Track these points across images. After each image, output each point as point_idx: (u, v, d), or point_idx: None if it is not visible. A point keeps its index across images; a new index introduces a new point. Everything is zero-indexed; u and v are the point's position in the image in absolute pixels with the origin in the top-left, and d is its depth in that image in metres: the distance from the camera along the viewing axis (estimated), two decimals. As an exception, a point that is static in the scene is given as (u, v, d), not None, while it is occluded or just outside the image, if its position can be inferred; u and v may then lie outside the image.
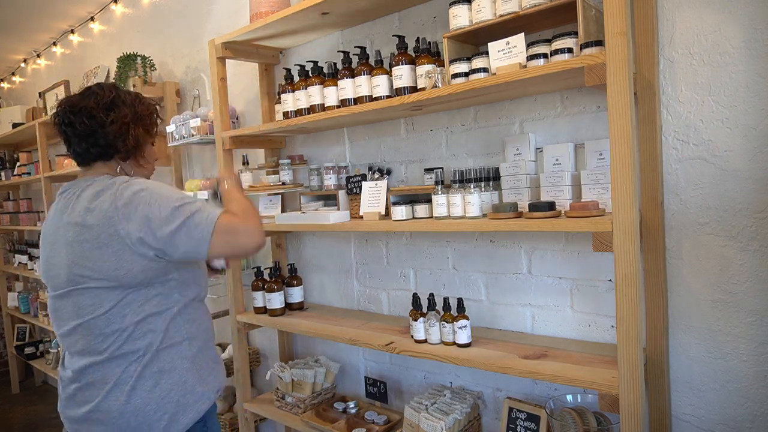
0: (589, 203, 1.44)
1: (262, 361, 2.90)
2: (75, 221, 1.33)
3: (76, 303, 1.35)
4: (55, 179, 4.16)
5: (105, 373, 1.35)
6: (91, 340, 1.35)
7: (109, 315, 1.34)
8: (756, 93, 1.38)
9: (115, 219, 1.29)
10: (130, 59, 3.15)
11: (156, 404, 1.36)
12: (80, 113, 1.38)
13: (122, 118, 1.40)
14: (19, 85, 5.36)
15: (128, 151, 1.44)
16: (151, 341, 1.37)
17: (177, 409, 1.39)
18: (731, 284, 1.46)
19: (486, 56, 1.58)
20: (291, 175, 2.32)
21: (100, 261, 1.30)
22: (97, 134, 1.39)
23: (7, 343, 5.11)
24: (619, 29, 1.25)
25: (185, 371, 1.42)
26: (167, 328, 1.39)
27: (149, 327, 1.37)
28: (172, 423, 1.38)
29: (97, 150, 1.41)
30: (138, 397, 1.35)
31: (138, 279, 1.33)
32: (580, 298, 1.73)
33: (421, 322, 1.83)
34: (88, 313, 1.34)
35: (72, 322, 1.37)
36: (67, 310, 1.37)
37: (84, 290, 1.33)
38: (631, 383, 1.32)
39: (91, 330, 1.35)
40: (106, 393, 1.35)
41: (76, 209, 1.35)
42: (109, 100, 1.40)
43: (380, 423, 2.09)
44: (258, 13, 2.22)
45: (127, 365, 1.35)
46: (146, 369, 1.36)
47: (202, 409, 1.44)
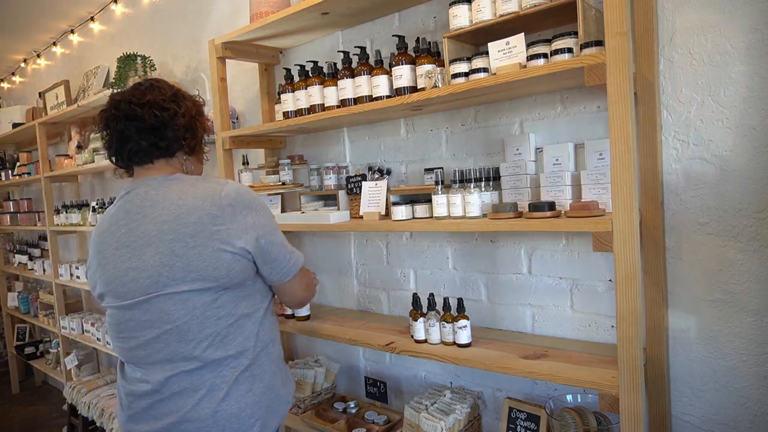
0: (589, 203, 1.44)
1: (262, 361, 2.90)
2: (164, 220, 1.25)
3: (162, 308, 1.25)
4: (55, 179, 4.16)
5: (196, 380, 1.27)
6: (181, 346, 1.26)
7: (204, 318, 1.26)
8: (756, 93, 1.38)
9: (219, 219, 1.25)
10: (130, 59, 3.15)
11: (251, 410, 1.31)
12: (148, 106, 1.31)
13: (189, 111, 1.37)
14: (19, 85, 5.36)
15: (194, 145, 1.41)
16: (244, 344, 1.32)
17: (268, 414, 1.35)
18: (731, 284, 1.46)
19: (486, 56, 1.58)
20: (291, 175, 2.32)
21: (197, 260, 1.23)
22: (168, 127, 1.33)
23: (7, 343, 5.11)
24: (619, 29, 1.25)
25: (273, 375, 1.39)
26: (258, 331, 1.35)
27: (242, 330, 1.32)
28: (264, 428, 1.34)
29: (164, 144, 1.34)
30: (233, 402, 1.28)
31: (236, 279, 1.29)
32: (580, 298, 1.73)
33: (421, 322, 1.83)
34: (179, 318, 1.25)
35: (154, 330, 1.27)
36: (147, 317, 1.27)
37: (174, 293, 1.25)
38: (631, 383, 1.32)
39: (183, 335, 1.26)
40: (197, 401, 1.26)
41: (161, 207, 1.27)
42: (173, 93, 1.37)
43: (380, 423, 2.09)
44: (258, 13, 2.22)
45: (220, 370, 1.28)
46: (241, 374, 1.31)
47: (284, 413, 1.43)
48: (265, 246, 1.32)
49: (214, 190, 1.28)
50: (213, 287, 1.26)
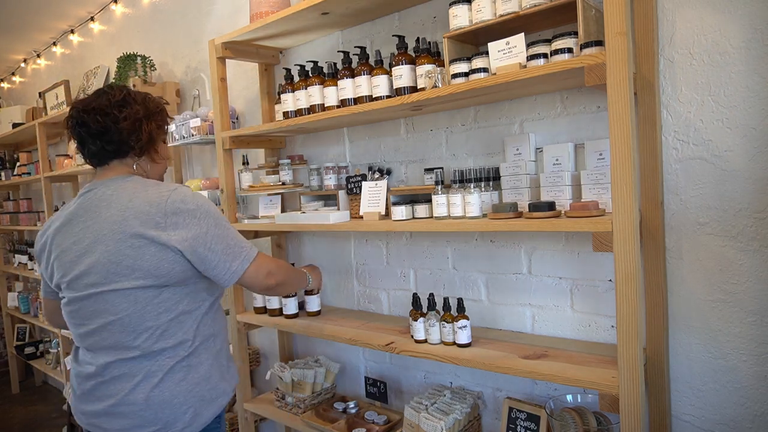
0: (589, 203, 1.44)
1: (262, 361, 2.90)
2: (115, 219, 1.34)
3: (108, 300, 1.35)
4: (55, 179, 4.16)
5: (134, 367, 1.37)
6: (123, 336, 1.36)
7: (144, 312, 1.35)
8: (756, 93, 1.38)
9: (162, 224, 1.33)
10: (130, 59, 3.15)
11: (183, 397, 1.39)
12: (93, 112, 1.41)
13: (134, 114, 1.43)
14: (19, 85, 5.36)
15: (142, 147, 1.46)
16: (183, 338, 1.40)
17: (201, 404, 1.42)
18: (731, 284, 1.46)
19: (486, 56, 1.58)
20: (291, 175, 2.32)
21: (140, 260, 1.32)
22: (111, 131, 1.41)
23: (7, 343, 5.11)
24: (619, 29, 1.25)
25: (210, 366, 1.46)
26: (198, 326, 1.43)
27: (182, 325, 1.40)
28: (196, 417, 1.41)
29: (112, 147, 1.43)
30: (166, 390, 1.37)
31: (177, 278, 1.37)
32: (580, 298, 1.73)
33: (421, 322, 1.83)
34: (122, 311, 1.34)
35: (100, 319, 1.37)
36: (94, 308, 1.37)
37: (120, 289, 1.34)
38: (631, 383, 1.32)
39: (125, 327, 1.35)
40: (133, 386, 1.36)
41: (113, 208, 1.36)
42: (121, 98, 1.44)
43: (380, 423, 2.09)
44: (258, 13, 2.22)
45: (158, 360, 1.37)
46: (177, 364, 1.39)
47: (222, 404, 1.49)
48: (203, 254, 1.37)
49: (161, 196, 1.36)
50: (155, 285, 1.35)
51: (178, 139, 2.72)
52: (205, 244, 1.37)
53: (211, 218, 1.40)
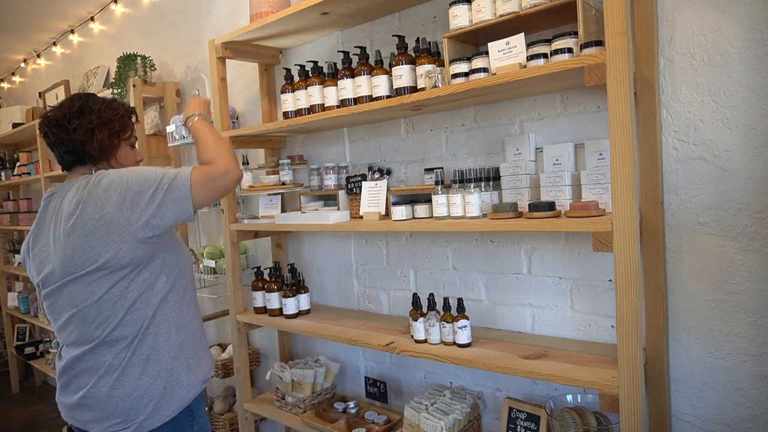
0: (589, 203, 1.44)
1: (262, 361, 2.90)
2: (65, 216, 1.41)
3: (69, 293, 1.41)
4: (55, 179, 4.16)
5: (96, 360, 1.42)
6: (85, 328, 1.42)
7: (101, 302, 1.40)
8: (756, 93, 1.38)
9: (99, 205, 1.37)
10: (130, 59, 3.15)
11: (143, 390, 1.43)
12: (50, 124, 1.49)
13: (87, 124, 1.48)
14: (19, 85, 5.36)
15: (97, 154, 1.50)
16: (139, 329, 1.43)
17: (163, 396, 1.45)
18: (731, 284, 1.46)
19: (486, 56, 1.58)
20: (291, 175, 2.32)
21: (89, 248, 1.37)
22: (66, 141, 1.48)
23: (7, 343, 5.11)
24: (619, 29, 1.25)
25: (172, 359, 1.48)
26: (155, 314, 1.46)
27: (138, 313, 1.43)
28: (157, 409, 1.44)
29: (70, 157, 1.51)
30: (126, 383, 1.42)
31: (126, 260, 1.39)
32: (580, 298, 1.73)
33: (421, 322, 1.83)
34: (81, 302, 1.40)
35: (66, 313, 1.44)
36: (61, 302, 1.44)
37: (76, 279, 1.39)
38: (631, 383, 1.32)
39: (85, 318, 1.41)
40: (96, 380, 1.42)
41: (63, 207, 1.43)
42: (76, 109, 1.49)
43: (380, 423, 2.09)
44: (258, 13, 2.22)
45: (117, 352, 1.42)
46: (134, 356, 1.43)
47: (188, 398, 1.50)
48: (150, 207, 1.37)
49: (93, 183, 1.40)
50: (109, 272, 1.38)
51: (178, 139, 2.71)
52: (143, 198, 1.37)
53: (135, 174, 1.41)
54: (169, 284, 1.49)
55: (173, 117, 2.80)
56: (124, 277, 1.40)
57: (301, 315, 2.32)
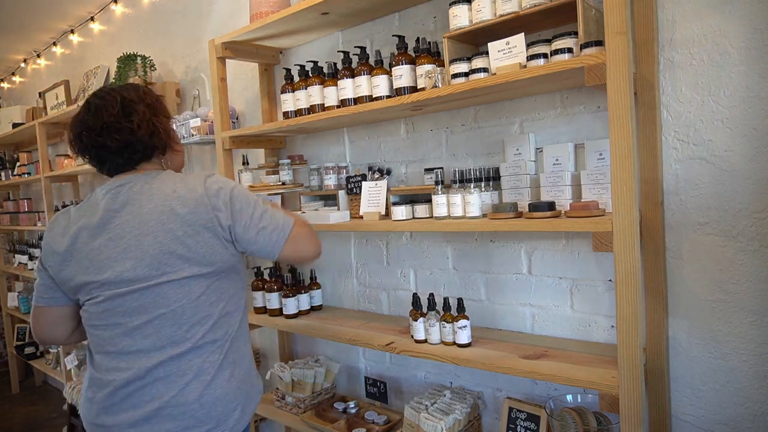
0: (589, 203, 1.44)
1: (262, 361, 2.90)
2: (161, 211, 1.30)
3: (160, 293, 1.29)
4: (55, 179, 4.16)
5: (183, 365, 1.31)
6: (173, 330, 1.31)
7: (199, 302, 1.32)
8: (756, 93, 1.38)
9: (209, 207, 1.32)
10: (130, 59, 3.15)
11: (233, 394, 1.37)
12: (106, 131, 1.34)
13: (143, 117, 1.38)
14: (19, 85, 5.36)
15: (165, 143, 1.44)
16: (228, 330, 1.39)
17: (246, 400, 1.42)
18: (731, 284, 1.46)
19: (486, 56, 1.58)
20: (291, 175, 2.32)
21: (195, 247, 1.30)
22: (131, 144, 1.37)
23: (7, 343, 5.11)
24: (619, 29, 1.25)
25: (249, 362, 1.47)
26: (241, 319, 1.44)
27: (230, 317, 1.39)
28: (243, 414, 1.40)
29: (138, 156, 1.40)
30: (218, 387, 1.34)
31: (228, 264, 1.37)
32: (580, 298, 1.73)
33: (421, 322, 1.83)
34: (175, 302, 1.30)
35: (147, 314, 1.30)
36: (138, 303, 1.30)
37: (174, 280, 1.30)
38: (631, 383, 1.32)
39: (177, 319, 1.31)
40: (184, 385, 1.31)
41: (154, 201, 1.31)
42: (121, 107, 1.36)
43: (380, 423, 2.09)
44: (258, 13, 2.22)
45: (207, 355, 1.34)
46: (225, 359, 1.37)
47: (258, 402, 1.49)
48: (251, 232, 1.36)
49: (200, 182, 1.35)
50: (208, 273, 1.33)
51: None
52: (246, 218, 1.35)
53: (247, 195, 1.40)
54: (244, 290, 1.49)
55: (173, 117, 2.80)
56: (220, 279, 1.36)
57: (301, 315, 2.32)
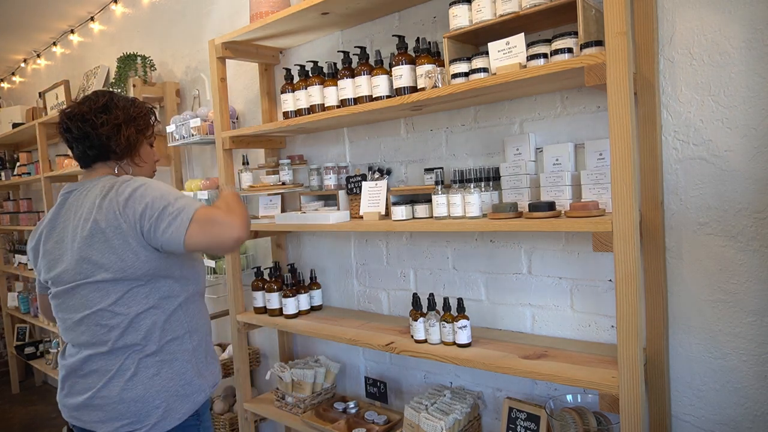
0: (589, 203, 1.44)
1: (262, 361, 2.90)
2: (85, 218, 1.40)
3: (83, 295, 1.41)
4: (55, 179, 4.16)
5: (107, 362, 1.42)
6: (96, 331, 1.41)
7: (114, 306, 1.40)
8: (756, 93, 1.38)
9: (118, 213, 1.37)
10: (130, 59, 3.15)
11: (155, 392, 1.42)
12: (75, 118, 1.47)
13: (113, 120, 1.48)
14: (19, 85, 5.36)
15: (122, 150, 1.52)
16: (151, 332, 1.43)
17: (174, 399, 1.45)
18: (731, 284, 1.46)
19: (486, 56, 1.58)
20: (291, 175, 2.32)
21: (107, 254, 1.37)
22: (91, 136, 1.47)
23: (7, 343, 5.11)
24: (619, 29, 1.25)
25: (185, 362, 1.48)
26: (168, 320, 1.46)
27: (151, 319, 1.43)
28: (168, 412, 1.44)
29: (93, 152, 1.49)
30: (139, 384, 1.41)
31: (141, 271, 1.39)
32: (580, 298, 1.73)
33: (421, 322, 1.83)
34: (94, 305, 1.40)
35: (78, 314, 1.42)
36: (73, 302, 1.43)
37: (91, 283, 1.39)
38: (631, 383, 1.32)
39: (97, 321, 1.40)
40: (107, 380, 1.41)
41: (84, 207, 1.42)
42: (102, 104, 1.49)
43: (380, 423, 2.09)
44: (258, 13, 2.22)
45: (130, 354, 1.42)
46: (148, 358, 1.43)
47: (198, 401, 1.50)
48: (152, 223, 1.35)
49: (117, 190, 1.40)
50: (123, 278, 1.39)
51: (178, 139, 2.72)
52: (152, 215, 1.35)
53: (155, 191, 1.38)
54: (186, 293, 1.50)
55: (173, 117, 2.80)
56: (139, 286, 1.41)
57: (301, 315, 2.32)
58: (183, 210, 1.36)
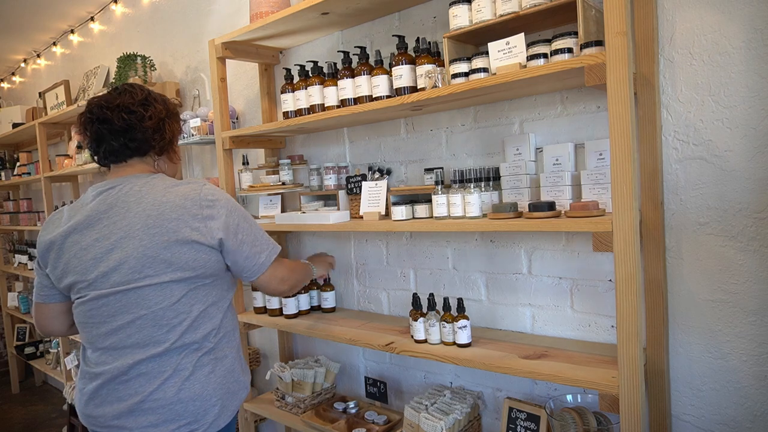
0: (589, 203, 1.44)
1: (262, 361, 2.90)
2: (149, 214, 1.34)
3: (141, 295, 1.34)
4: (55, 179, 4.16)
5: (163, 362, 1.36)
6: (154, 331, 1.35)
7: (178, 305, 1.37)
8: (756, 93, 1.38)
9: (200, 216, 1.36)
10: (130, 59, 3.15)
11: (212, 390, 1.41)
12: (117, 109, 1.41)
13: (158, 114, 1.46)
14: (19, 85, 5.36)
15: (164, 145, 1.49)
16: (209, 331, 1.43)
17: (228, 397, 1.46)
18: (731, 284, 1.46)
19: (486, 56, 1.58)
20: (291, 175, 2.32)
21: (178, 253, 1.34)
22: (136, 129, 1.42)
23: (7, 343, 5.11)
24: (619, 29, 1.25)
25: (233, 359, 1.50)
26: (224, 317, 1.48)
27: (210, 317, 1.43)
28: (223, 409, 1.44)
29: (134, 145, 1.44)
30: (196, 382, 1.39)
31: (210, 270, 1.41)
32: (580, 298, 1.73)
33: (421, 322, 1.83)
34: (155, 304, 1.35)
35: (129, 315, 1.35)
36: (122, 304, 1.35)
37: (155, 283, 1.34)
38: (631, 383, 1.32)
39: (157, 321, 1.35)
40: (162, 381, 1.36)
41: (144, 203, 1.36)
42: (143, 97, 1.45)
43: (380, 423, 2.09)
44: (258, 13, 2.22)
45: (187, 354, 1.39)
46: (204, 357, 1.42)
47: (243, 397, 1.54)
48: (234, 244, 1.42)
49: (194, 191, 1.40)
50: (189, 277, 1.37)
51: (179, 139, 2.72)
52: (236, 235, 1.42)
53: (240, 211, 1.46)
54: (232, 291, 1.54)
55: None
56: (201, 284, 1.41)
57: (301, 315, 2.32)
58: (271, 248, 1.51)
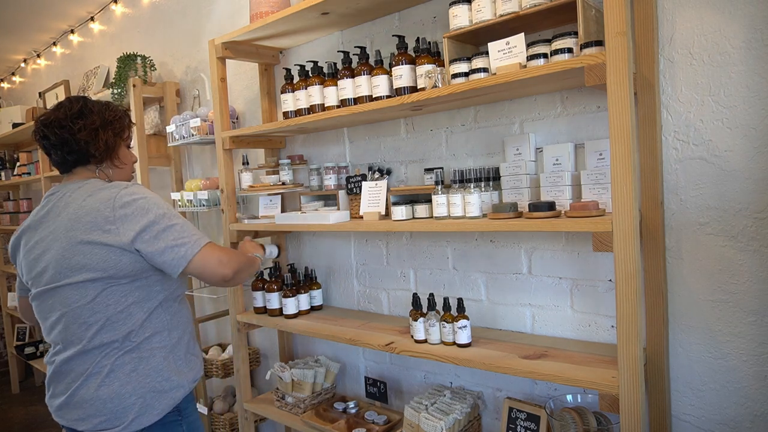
0: (589, 203, 1.44)
1: (262, 361, 2.90)
2: (69, 218, 1.43)
3: (62, 294, 1.43)
4: (55, 179, 4.16)
5: (84, 360, 1.44)
6: (75, 329, 1.44)
7: (93, 304, 1.42)
8: (756, 93, 1.38)
9: (111, 218, 1.41)
10: (130, 59, 3.15)
11: (132, 388, 1.45)
12: (51, 125, 1.50)
13: (90, 125, 1.51)
14: (19, 85, 5.36)
15: (101, 154, 1.54)
16: (130, 330, 1.46)
17: (152, 395, 1.47)
18: (731, 284, 1.46)
19: (486, 56, 1.58)
20: (291, 175, 2.32)
21: (90, 255, 1.40)
22: (70, 142, 1.50)
23: (7, 343, 5.11)
24: (619, 29, 1.25)
25: (162, 359, 1.50)
26: (147, 317, 1.49)
27: (130, 316, 1.46)
28: (146, 407, 1.46)
29: (73, 157, 1.52)
30: (115, 380, 1.44)
31: (124, 271, 1.43)
32: (580, 298, 1.73)
33: (421, 322, 1.83)
34: (73, 302, 1.43)
35: (56, 312, 1.45)
36: (52, 302, 1.46)
37: (72, 283, 1.42)
38: (631, 383, 1.32)
39: (75, 319, 1.43)
40: (84, 379, 1.44)
41: (70, 208, 1.45)
42: (77, 110, 1.52)
43: (380, 423, 2.09)
44: (258, 13, 2.22)
45: (108, 352, 1.44)
46: (125, 355, 1.45)
47: (177, 397, 1.52)
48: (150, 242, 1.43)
49: (111, 194, 1.44)
50: (104, 277, 1.42)
51: (178, 139, 2.72)
52: (152, 232, 1.43)
53: (159, 209, 1.46)
54: (167, 291, 1.53)
55: (173, 117, 2.80)
56: (119, 284, 1.44)
57: (301, 315, 2.32)
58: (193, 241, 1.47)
